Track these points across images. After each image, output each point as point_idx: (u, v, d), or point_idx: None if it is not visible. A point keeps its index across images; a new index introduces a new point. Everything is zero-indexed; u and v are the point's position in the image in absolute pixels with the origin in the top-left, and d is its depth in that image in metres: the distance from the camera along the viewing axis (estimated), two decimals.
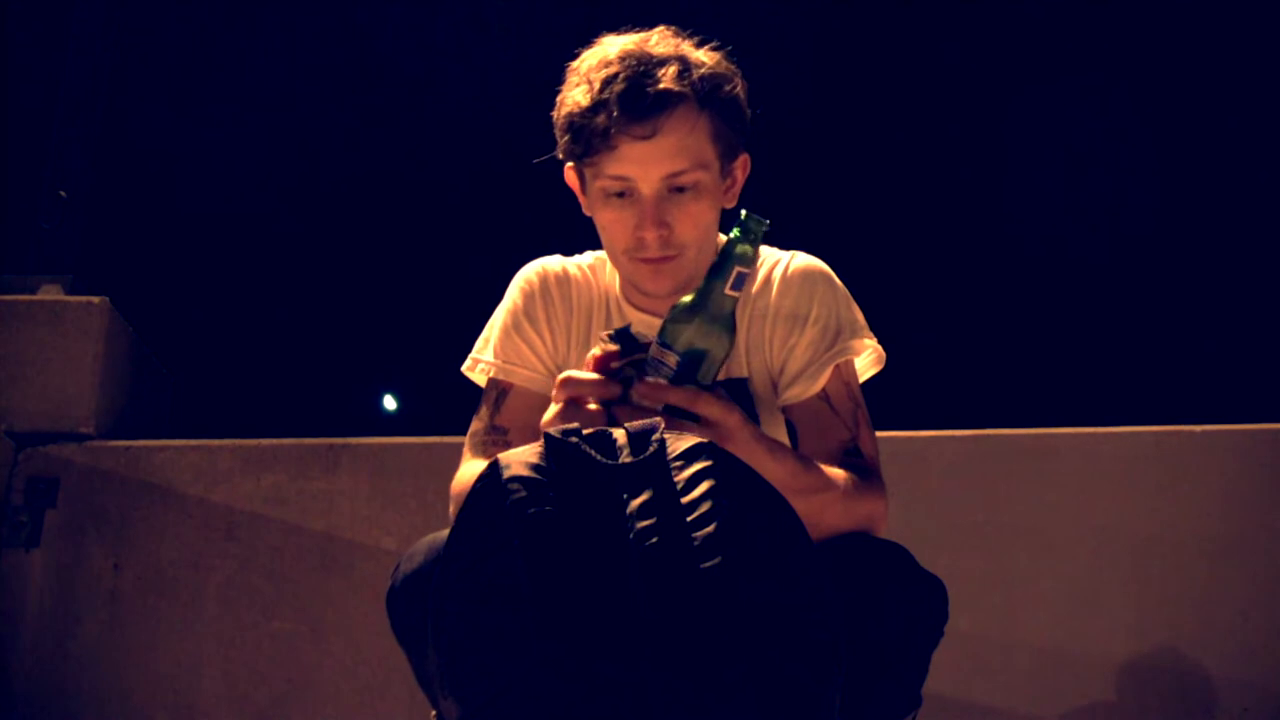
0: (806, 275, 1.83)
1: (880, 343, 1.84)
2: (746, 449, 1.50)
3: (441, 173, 7.57)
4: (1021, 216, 7.29)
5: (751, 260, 1.52)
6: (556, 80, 1.78)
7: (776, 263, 1.85)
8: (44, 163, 3.69)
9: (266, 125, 7.08)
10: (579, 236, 1.94)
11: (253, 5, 6.54)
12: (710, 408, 1.48)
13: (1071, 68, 6.92)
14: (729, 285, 1.50)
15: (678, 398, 1.47)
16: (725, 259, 1.51)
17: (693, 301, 1.50)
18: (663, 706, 1.26)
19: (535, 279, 1.88)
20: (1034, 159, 7.17)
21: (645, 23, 1.77)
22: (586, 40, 1.77)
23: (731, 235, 1.51)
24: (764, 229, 1.51)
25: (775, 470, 1.53)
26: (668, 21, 1.77)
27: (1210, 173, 6.88)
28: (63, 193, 3.61)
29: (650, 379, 1.48)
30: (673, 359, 1.48)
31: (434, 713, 1.64)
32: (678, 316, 1.50)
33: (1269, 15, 5.93)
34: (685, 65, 1.69)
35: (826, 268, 1.86)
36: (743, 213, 1.53)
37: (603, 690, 1.26)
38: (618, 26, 1.77)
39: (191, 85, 6.50)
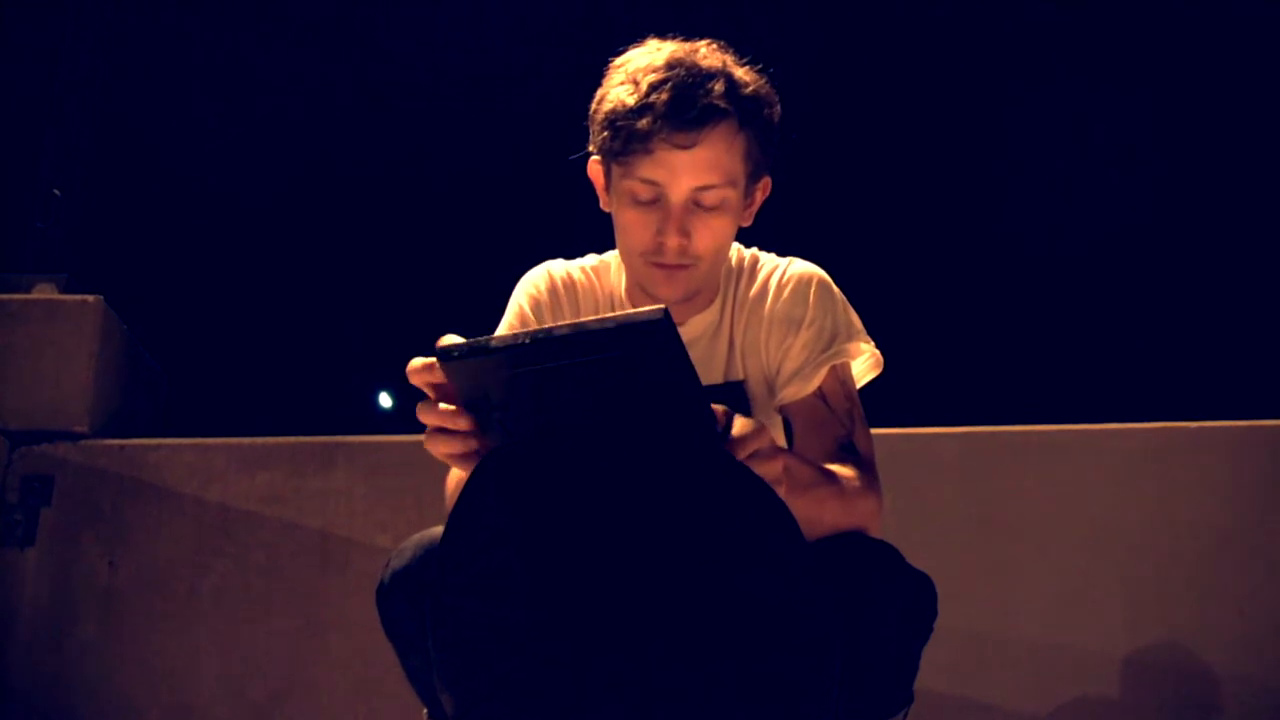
0: (803, 281, 1.85)
1: (876, 340, 1.85)
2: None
3: (437, 170, 7.56)
4: (1018, 213, 7.29)
5: None
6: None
7: (775, 269, 1.87)
8: (39, 161, 3.69)
9: (262, 124, 7.08)
10: (576, 235, 1.94)
11: (249, 3, 6.54)
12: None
13: (1069, 65, 6.93)
14: None
15: None
16: None
17: None
18: (659, 700, 1.27)
19: (542, 284, 1.89)
20: (1032, 157, 7.17)
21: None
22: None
23: None
24: None
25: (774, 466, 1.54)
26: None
27: (1209, 169, 6.88)
28: (57, 191, 3.61)
29: None
30: None
31: (425, 711, 1.63)
32: None
33: (1268, 15, 5.93)
34: (731, 82, 1.70)
35: (823, 274, 1.87)
36: None
37: (599, 684, 1.27)
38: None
39: (185, 83, 6.49)
